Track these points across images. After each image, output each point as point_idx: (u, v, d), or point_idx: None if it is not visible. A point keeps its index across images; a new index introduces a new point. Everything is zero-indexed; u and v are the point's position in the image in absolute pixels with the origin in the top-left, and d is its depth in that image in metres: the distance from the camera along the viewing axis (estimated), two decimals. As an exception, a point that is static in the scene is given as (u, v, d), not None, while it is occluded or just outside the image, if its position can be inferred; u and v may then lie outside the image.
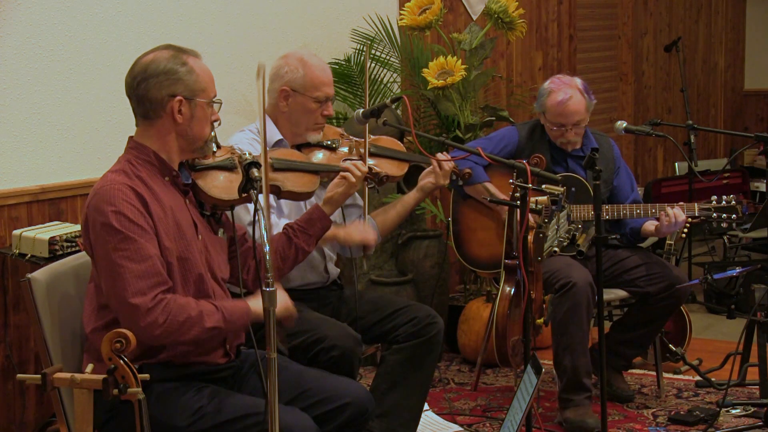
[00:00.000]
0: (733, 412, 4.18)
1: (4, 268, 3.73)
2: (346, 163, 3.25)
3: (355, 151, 3.44)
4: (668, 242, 4.24)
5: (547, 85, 4.23)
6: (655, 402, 4.38)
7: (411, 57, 5.13)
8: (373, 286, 4.93)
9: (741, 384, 4.40)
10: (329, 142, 3.46)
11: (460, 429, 4.10)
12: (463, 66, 4.81)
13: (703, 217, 4.11)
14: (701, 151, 8.05)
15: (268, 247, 2.38)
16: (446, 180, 3.51)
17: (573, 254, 4.01)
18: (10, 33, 3.71)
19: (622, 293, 4.25)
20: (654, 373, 4.53)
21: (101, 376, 2.22)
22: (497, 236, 4.23)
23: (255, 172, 2.60)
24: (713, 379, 4.50)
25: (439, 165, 3.46)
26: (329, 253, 3.55)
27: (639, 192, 4.47)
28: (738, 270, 4.62)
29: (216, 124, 2.75)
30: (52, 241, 3.54)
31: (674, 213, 4.03)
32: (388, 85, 5.23)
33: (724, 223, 4.12)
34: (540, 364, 2.90)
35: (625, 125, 4.45)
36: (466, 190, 4.23)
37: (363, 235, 3.35)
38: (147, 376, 2.28)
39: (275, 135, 3.42)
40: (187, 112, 2.67)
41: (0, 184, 3.72)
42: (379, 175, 3.30)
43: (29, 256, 3.57)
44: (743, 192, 6.48)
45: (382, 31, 5.15)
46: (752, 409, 4.15)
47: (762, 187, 6.95)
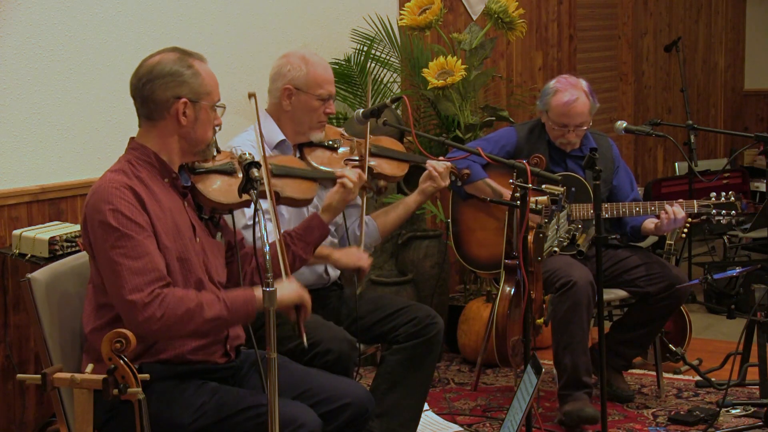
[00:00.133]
0: (733, 412, 4.18)
1: (4, 268, 3.73)
2: (344, 170, 3.23)
3: (356, 151, 3.44)
4: (668, 242, 4.25)
5: (552, 84, 4.22)
6: (655, 402, 4.38)
7: (411, 57, 5.13)
8: (373, 286, 4.93)
9: (741, 384, 4.40)
10: (330, 142, 3.45)
11: (460, 429, 4.10)
12: (463, 66, 4.81)
13: (703, 213, 4.11)
14: (701, 151, 8.04)
15: (268, 248, 2.40)
16: (446, 182, 3.51)
17: (573, 254, 4.01)
18: (10, 33, 3.71)
19: (622, 293, 4.25)
20: (654, 373, 4.53)
21: (101, 376, 2.22)
22: (497, 236, 4.21)
23: (255, 172, 2.60)
24: (713, 379, 4.49)
25: (434, 169, 3.46)
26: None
27: (639, 191, 4.47)
28: (738, 270, 4.62)
29: (218, 128, 2.75)
30: (52, 241, 3.54)
31: (674, 210, 4.03)
32: (388, 85, 5.23)
33: (723, 220, 4.10)
34: (540, 364, 2.90)
35: (625, 125, 4.44)
36: (467, 189, 4.22)
37: (356, 262, 3.33)
38: (147, 376, 2.28)
39: (277, 135, 3.42)
40: (191, 114, 2.67)
41: (0, 184, 3.72)
42: (378, 185, 3.30)
43: (29, 256, 3.57)
44: (743, 192, 6.47)
45: (382, 31, 5.15)
46: (752, 409, 4.15)
47: (762, 187, 6.95)
